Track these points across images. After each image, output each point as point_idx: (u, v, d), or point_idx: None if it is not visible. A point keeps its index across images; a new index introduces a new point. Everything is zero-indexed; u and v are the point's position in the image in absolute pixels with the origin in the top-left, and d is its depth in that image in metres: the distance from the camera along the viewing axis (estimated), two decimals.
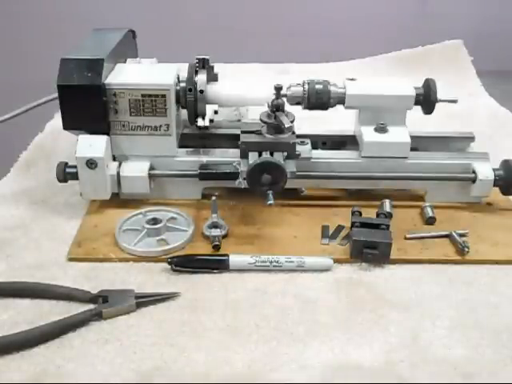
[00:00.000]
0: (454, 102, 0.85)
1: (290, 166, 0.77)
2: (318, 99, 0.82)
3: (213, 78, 0.83)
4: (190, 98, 0.80)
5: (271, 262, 0.72)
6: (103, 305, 0.66)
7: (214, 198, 0.79)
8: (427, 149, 0.88)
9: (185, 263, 0.72)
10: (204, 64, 0.81)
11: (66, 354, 0.61)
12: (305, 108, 0.83)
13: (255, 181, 0.75)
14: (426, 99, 0.83)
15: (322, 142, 0.90)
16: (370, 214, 0.79)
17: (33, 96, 0.88)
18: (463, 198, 0.84)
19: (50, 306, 0.67)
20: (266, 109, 0.81)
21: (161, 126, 0.80)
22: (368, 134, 0.83)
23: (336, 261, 0.74)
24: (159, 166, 0.82)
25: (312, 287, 0.70)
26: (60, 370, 0.59)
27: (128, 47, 0.90)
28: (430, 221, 0.81)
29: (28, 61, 1.56)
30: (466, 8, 1.78)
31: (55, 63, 0.77)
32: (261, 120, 0.81)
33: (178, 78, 0.81)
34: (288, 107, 0.82)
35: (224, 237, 0.77)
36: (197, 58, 0.81)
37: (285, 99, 0.81)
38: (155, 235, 0.77)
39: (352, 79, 0.84)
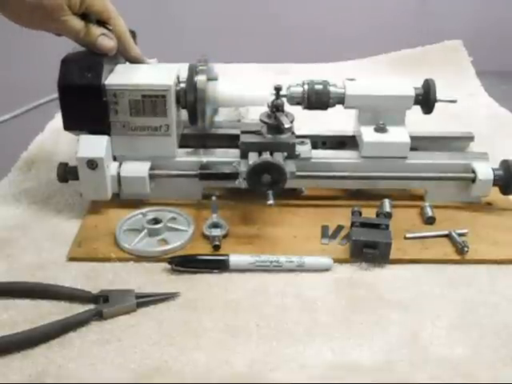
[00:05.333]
0: (454, 102, 0.85)
1: (290, 166, 0.77)
2: (318, 99, 0.82)
3: (213, 78, 0.83)
4: (190, 98, 0.80)
5: (271, 262, 0.72)
6: (104, 305, 0.66)
7: (214, 197, 0.79)
8: (427, 149, 0.88)
9: (185, 263, 0.72)
10: (204, 64, 0.81)
11: (67, 353, 0.61)
12: (305, 108, 0.83)
13: (255, 181, 0.76)
14: (426, 99, 0.83)
15: (321, 142, 0.90)
16: (369, 213, 0.79)
17: (33, 96, 0.89)
18: (463, 198, 0.85)
19: (50, 306, 0.67)
20: (265, 109, 0.81)
21: (161, 126, 0.80)
22: (368, 134, 0.83)
23: (336, 261, 0.74)
24: (159, 167, 0.82)
25: (312, 287, 0.70)
26: (60, 370, 0.59)
27: None
28: (430, 220, 0.81)
29: (28, 61, 1.57)
30: (466, 8, 1.79)
31: (55, 63, 0.77)
32: (261, 120, 0.81)
33: (178, 79, 0.81)
34: (288, 107, 0.82)
35: (224, 237, 0.77)
36: (197, 59, 0.82)
37: (284, 99, 0.81)
38: (155, 235, 0.77)
39: (351, 79, 0.85)
